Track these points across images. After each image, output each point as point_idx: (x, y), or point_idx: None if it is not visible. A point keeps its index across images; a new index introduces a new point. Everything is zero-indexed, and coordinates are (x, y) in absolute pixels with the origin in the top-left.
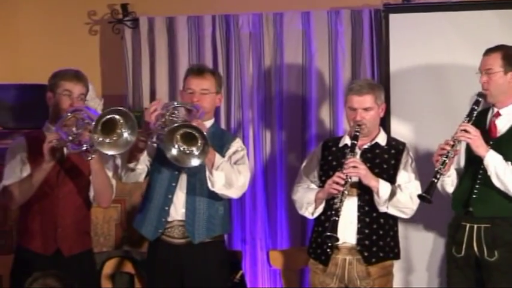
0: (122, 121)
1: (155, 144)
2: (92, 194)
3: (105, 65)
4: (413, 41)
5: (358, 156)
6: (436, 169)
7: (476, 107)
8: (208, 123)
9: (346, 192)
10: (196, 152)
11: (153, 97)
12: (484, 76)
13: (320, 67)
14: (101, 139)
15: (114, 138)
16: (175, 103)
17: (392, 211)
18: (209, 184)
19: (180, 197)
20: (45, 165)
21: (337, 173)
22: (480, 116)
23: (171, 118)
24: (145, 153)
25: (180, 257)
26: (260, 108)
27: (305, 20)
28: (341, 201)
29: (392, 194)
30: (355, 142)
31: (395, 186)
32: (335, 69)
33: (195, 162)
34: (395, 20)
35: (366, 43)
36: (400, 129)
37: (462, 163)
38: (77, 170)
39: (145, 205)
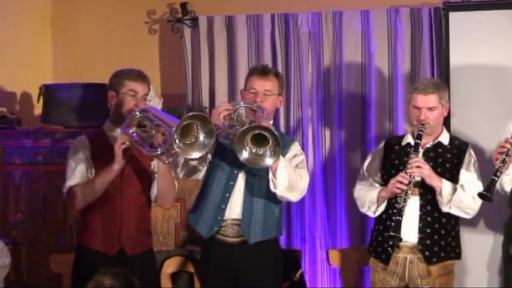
0: (199, 126)
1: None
2: (154, 194)
3: (164, 63)
4: (473, 39)
5: (420, 155)
6: (496, 167)
7: None
8: None
9: (409, 191)
10: (268, 153)
11: (212, 96)
12: None
13: (379, 66)
14: (181, 144)
15: (192, 140)
16: (242, 103)
17: (454, 211)
18: (271, 186)
19: (237, 197)
20: (116, 166)
21: (401, 173)
22: None
23: (237, 118)
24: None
25: (234, 256)
26: (319, 107)
27: (364, 19)
28: (404, 200)
29: (455, 194)
30: (419, 141)
31: (458, 186)
32: (394, 68)
33: (268, 161)
34: (455, 18)
35: (426, 42)
36: (460, 128)
37: None
38: (140, 169)
39: (202, 202)
